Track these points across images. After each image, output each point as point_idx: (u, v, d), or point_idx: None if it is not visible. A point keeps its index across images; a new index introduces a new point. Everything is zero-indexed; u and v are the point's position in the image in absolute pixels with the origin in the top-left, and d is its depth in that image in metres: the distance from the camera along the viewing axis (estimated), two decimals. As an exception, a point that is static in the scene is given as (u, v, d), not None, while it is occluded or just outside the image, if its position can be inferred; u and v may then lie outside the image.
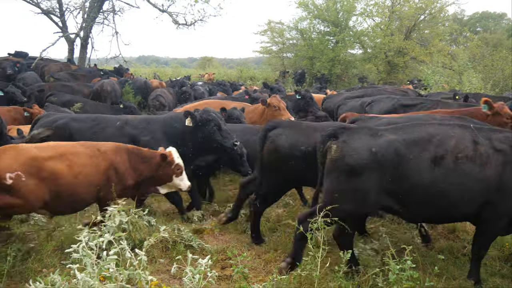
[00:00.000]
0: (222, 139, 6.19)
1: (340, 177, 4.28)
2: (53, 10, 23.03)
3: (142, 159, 5.24)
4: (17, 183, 4.39)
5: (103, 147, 5.08)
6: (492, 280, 4.56)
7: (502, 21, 54.13)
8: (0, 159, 4.46)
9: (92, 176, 4.86)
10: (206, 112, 6.29)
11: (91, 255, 3.04)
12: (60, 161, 4.69)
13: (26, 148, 4.70)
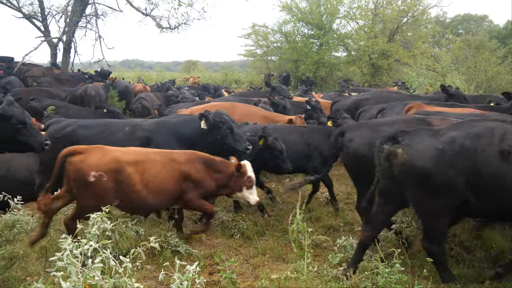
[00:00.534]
0: (234, 143, 6.12)
1: (413, 180, 4.27)
2: (35, 14, 22.70)
3: (216, 168, 5.40)
4: (97, 182, 4.65)
5: (178, 156, 5.28)
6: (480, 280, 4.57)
7: (484, 23, 55.13)
8: (88, 157, 4.73)
9: (165, 183, 5.07)
10: (218, 114, 6.20)
11: (75, 263, 2.97)
12: (138, 166, 4.93)
13: (111, 150, 4.96)
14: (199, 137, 6.20)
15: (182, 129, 6.32)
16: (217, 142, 6.14)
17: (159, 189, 5.04)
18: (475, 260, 5.12)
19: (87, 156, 4.75)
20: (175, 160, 5.19)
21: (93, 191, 4.68)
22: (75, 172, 4.70)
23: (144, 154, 5.12)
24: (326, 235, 5.89)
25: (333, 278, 4.32)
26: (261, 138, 6.44)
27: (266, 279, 4.10)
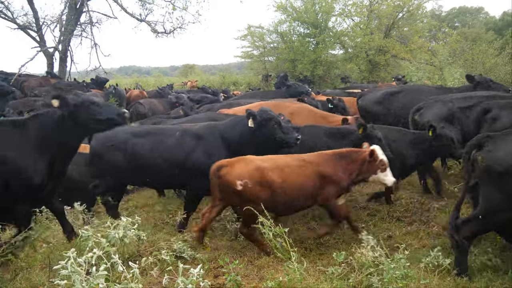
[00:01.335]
0: (285, 136, 6.12)
1: (494, 186, 4.34)
2: (29, 25, 22.72)
3: (350, 160, 5.55)
4: (244, 189, 5.11)
5: (312, 159, 5.55)
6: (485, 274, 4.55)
7: (480, 15, 55.16)
8: (233, 169, 5.26)
9: (303, 184, 5.35)
10: (263, 111, 6.23)
11: (80, 271, 2.95)
12: (279, 171, 5.29)
13: (252, 159, 5.42)
14: (249, 136, 6.20)
15: (231, 131, 6.34)
16: (268, 138, 6.16)
17: (299, 191, 5.35)
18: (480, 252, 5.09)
19: (231, 168, 5.28)
20: (310, 162, 5.50)
21: (242, 198, 5.16)
22: (224, 183, 5.26)
23: (281, 160, 5.50)
24: (329, 234, 5.89)
25: (338, 276, 4.30)
26: (360, 127, 6.42)
27: (271, 280, 4.09)
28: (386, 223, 6.30)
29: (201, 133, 6.40)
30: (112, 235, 3.41)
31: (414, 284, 4.01)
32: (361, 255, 4.44)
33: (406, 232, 5.96)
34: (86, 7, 22.66)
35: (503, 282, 4.36)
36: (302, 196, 5.40)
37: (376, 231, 5.97)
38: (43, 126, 5.05)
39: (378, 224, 6.29)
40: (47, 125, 5.05)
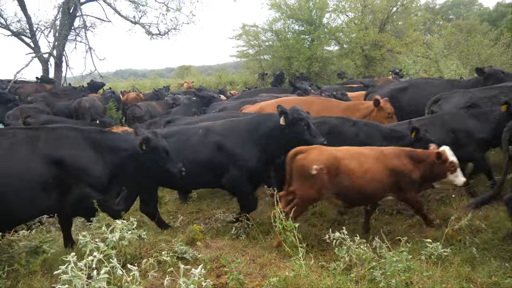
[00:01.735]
0: (311, 138, 6.07)
1: None
2: (23, 31, 22.66)
3: (419, 160, 5.58)
4: (318, 175, 5.26)
5: (386, 151, 5.64)
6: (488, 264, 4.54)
7: (474, 6, 55.14)
8: (309, 155, 5.45)
9: (377, 175, 5.43)
10: (295, 110, 6.16)
11: (80, 275, 2.93)
12: (353, 160, 5.42)
13: (326, 148, 5.61)
14: (275, 134, 6.16)
15: (255, 128, 6.32)
16: (295, 138, 6.09)
17: (371, 181, 5.41)
18: (483, 242, 5.09)
19: (308, 154, 5.48)
20: (384, 154, 5.57)
21: (313, 183, 5.32)
22: (299, 167, 5.43)
23: (355, 150, 5.63)
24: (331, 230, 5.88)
25: (341, 271, 4.28)
26: (413, 130, 6.38)
27: (274, 277, 4.07)
28: (387, 216, 6.29)
29: (225, 130, 6.37)
30: (110, 239, 3.38)
31: (417, 276, 4.00)
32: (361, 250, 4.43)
33: (407, 225, 5.95)
34: (79, 11, 22.59)
35: (506, 272, 4.35)
36: (373, 187, 5.45)
37: (377, 225, 5.97)
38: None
39: (379, 217, 6.29)
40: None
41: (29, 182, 4.63)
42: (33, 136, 4.90)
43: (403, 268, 3.86)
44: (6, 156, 4.60)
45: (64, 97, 15.93)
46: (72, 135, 5.14)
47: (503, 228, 5.36)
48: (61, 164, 4.84)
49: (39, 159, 4.74)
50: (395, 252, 4.08)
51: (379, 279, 3.97)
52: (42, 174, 4.71)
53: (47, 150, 4.84)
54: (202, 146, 6.21)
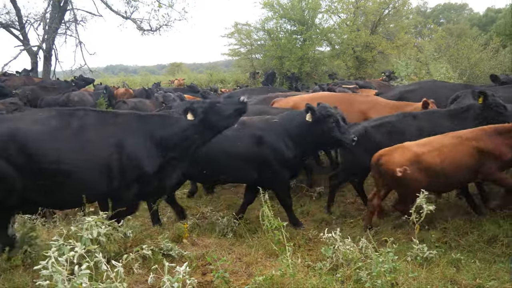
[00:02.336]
0: (341, 135, 6.05)
1: None
2: (12, 23, 22.37)
3: (509, 135, 5.62)
4: (404, 175, 5.39)
5: (466, 135, 5.72)
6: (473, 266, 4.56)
7: (464, 11, 55.70)
8: (392, 157, 5.61)
9: (462, 161, 5.55)
10: (324, 107, 6.14)
11: (61, 271, 2.88)
12: (435, 154, 5.52)
13: (409, 146, 5.69)
14: (306, 131, 6.14)
15: (288, 124, 6.30)
16: (323, 135, 6.08)
17: (458, 168, 5.54)
18: (468, 245, 5.12)
19: (390, 156, 5.64)
20: (467, 138, 5.65)
21: (402, 183, 5.48)
22: (385, 171, 5.61)
23: (438, 142, 5.72)
24: (318, 229, 5.88)
25: (327, 271, 4.27)
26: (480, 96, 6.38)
27: (260, 276, 4.04)
28: (374, 217, 6.29)
29: (260, 125, 6.34)
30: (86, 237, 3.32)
31: (402, 277, 4.00)
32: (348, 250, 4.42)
33: (394, 226, 5.96)
34: (70, 5, 22.41)
35: (491, 274, 4.37)
36: (461, 173, 5.59)
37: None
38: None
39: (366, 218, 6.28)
40: None
41: (94, 163, 4.70)
42: (101, 119, 4.93)
43: (389, 269, 3.85)
44: (76, 135, 4.67)
45: (53, 91, 15.72)
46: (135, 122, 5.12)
47: (488, 230, 5.39)
48: (121, 150, 4.84)
49: (105, 142, 4.78)
50: (381, 252, 4.08)
51: (365, 280, 3.96)
52: (105, 157, 4.76)
53: (112, 134, 4.86)
54: (239, 140, 6.15)
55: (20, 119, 4.78)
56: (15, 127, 4.54)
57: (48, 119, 4.71)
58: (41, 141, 4.52)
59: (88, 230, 4.05)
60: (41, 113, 4.95)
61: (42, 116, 4.78)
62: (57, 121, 4.69)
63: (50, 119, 4.70)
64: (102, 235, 4.26)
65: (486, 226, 5.53)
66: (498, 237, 5.18)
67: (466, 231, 5.50)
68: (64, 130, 4.66)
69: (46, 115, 4.83)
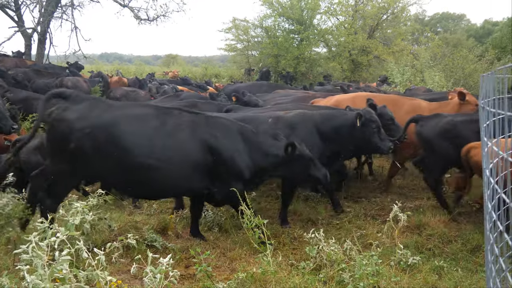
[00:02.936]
0: (380, 142, 6.01)
1: None
2: (8, 3, 22.09)
3: None
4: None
5: None
6: (455, 274, 4.59)
7: (461, 22, 56.13)
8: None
9: None
10: (368, 112, 6.09)
11: (41, 255, 2.84)
12: None
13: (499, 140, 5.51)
14: (343, 132, 6.07)
15: (326, 123, 6.22)
16: (363, 139, 6.04)
17: None
18: (452, 253, 5.14)
19: (479, 149, 5.36)
20: None
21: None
22: (475, 163, 5.53)
23: None
24: (304, 229, 5.87)
25: (310, 271, 4.27)
26: None
27: (243, 272, 4.04)
28: (361, 220, 6.31)
29: (295, 121, 6.27)
30: (71, 223, 3.28)
31: (385, 281, 4.01)
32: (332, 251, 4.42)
33: (380, 230, 5.98)
34: (67, -12, 22.16)
35: (472, 282, 4.39)
36: None
37: (350, 228, 5.97)
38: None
39: (352, 221, 6.30)
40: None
41: (186, 161, 4.95)
42: (194, 120, 5.12)
43: (372, 272, 3.86)
44: (171, 134, 4.93)
45: (47, 75, 15.51)
46: (227, 125, 5.34)
47: (472, 240, 5.43)
48: (213, 151, 5.04)
49: (197, 142, 5.00)
50: (365, 255, 4.08)
51: (347, 281, 3.97)
52: (197, 157, 4.98)
53: (205, 135, 5.05)
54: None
55: (122, 112, 4.95)
56: (116, 119, 4.78)
57: (146, 116, 4.96)
58: (138, 136, 4.78)
59: (73, 216, 4.01)
60: (140, 108, 5.23)
61: (141, 112, 5.04)
62: (154, 118, 4.94)
63: (149, 117, 4.96)
64: (87, 222, 4.23)
65: (470, 235, 5.56)
66: (482, 247, 5.20)
67: (450, 239, 5.52)
68: (161, 128, 4.89)
69: (144, 111, 5.10)
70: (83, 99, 4.93)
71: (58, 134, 4.74)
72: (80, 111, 4.73)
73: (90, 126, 4.66)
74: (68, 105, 4.77)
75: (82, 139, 4.61)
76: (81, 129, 4.62)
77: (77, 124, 4.64)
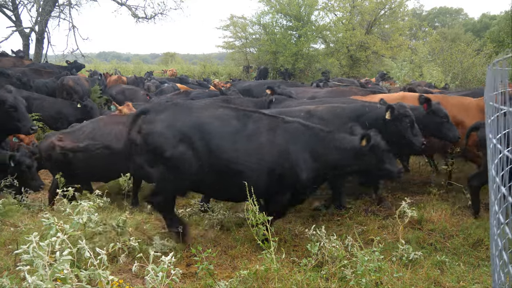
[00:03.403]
0: (412, 137, 5.99)
1: None
2: (5, 3, 22.01)
3: None
4: None
5: None
6: (458, 268, 4.58)
7: (459, 16, 56.08)
8: None
9: None
10: (402, 107, 6.07)
11: (42, 256, 2.82)
12: None
13: None
14: (376, 127, 5.92)
15: (358, 117, 6.21)
16: (396, 134, 6.01)
17: None
18: (453, 248, 5.14)
19: None
20: None
21: None
22: None
23: None
24: (305, 226, 5.86)
25: (312, 267, 4.26)
26: None
27: (245, 270, 4.02)
28: (362, 216, 6.30)
29: (328, 116, 6.27)
30: (76, 221, 3.26)
31: (387, 277, 4.00)
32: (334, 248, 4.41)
33: (381, 225, 5.97)
34: (64, -13, 22.08)
35: (474, 277, 4.39)
36: None
37: (351, 224, 5.97)
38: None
39: (353, 217, 6.29)
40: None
41: (263, 165, 4.98)
42: (272, 125, 5.15)
43: (374, 268, 3.85)
44: (251, 137, 5.01)
45: (45, 75, 15.43)
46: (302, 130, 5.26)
47: (473, 234, 5.42)
48: (287, 157, 5.04)
49: (275, 147, 5.03)
50: (367, 251, 4.07)
51: (350, 278, 3.96)
52: (273, 161, 5.00)
53: (281, 141, 5.07)
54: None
55: (204, 113, 5.04)
56: (201, 121, 4.92)
57: (228, 119, 5.04)
58: (222, 139, 4.90)
59: (79, 214, 4.00)
60: (221, 110, 5.23)
61: (222, 113, 5.10)
62: (236, 121, 5.04)
63: (230, 119, 5.04)
64: (92, 221, 4.21)
65: (471, 229, 5.55)
66: (483, 241, 5.21)
67: (452, 234, 5.52)
68: (241, 132, 4.99)
69: (226, 113, 5.15)
70: (164, 108, 5.10)
71: (151, 146, 4.92)
72: (166, 120, 4.93)
73: (179, 132, 4.85)
74: (152, 117, 4.97)
75: (175, 145, 4.82)
76: (172, 137, 4.82)
77: (167, 133, 4.84)
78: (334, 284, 3.99)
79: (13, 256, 4.57)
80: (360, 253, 4.08)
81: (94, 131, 6.75)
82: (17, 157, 6.67)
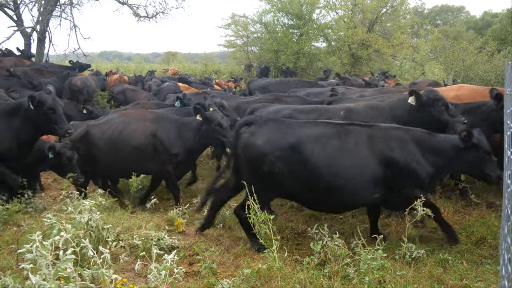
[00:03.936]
0: (450, 118, 6.03)
1: None
2: (6, 3, 22.03)
3: None
4: None
5: None
6: (461, 266, 4.57)
7: (461, 14, 55.95)
8: None
9: None
10: (430, 91, 6.16)
11: (45, 255, 2.82)
12: None
13: None
14: (414, 116, 6.15)
15: (397, 111, 6.34)
16: (433, 118, 6.08)
17: None
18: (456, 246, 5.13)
19: None
20: None
21: None
22: None
23: None
24: (307, 224, 5.87)
25: (314, 266, 4.26)
26: None
27: (248, 269, 4.02)
28: (364, 214, 6.29)
29: (367, 113, 6.37)
30: (78, 220, 3.26)
31: (390, 275, 3.99)
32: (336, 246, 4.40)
33: (384, 223, 5.96)
34: (66, -13, 22.09)
35: (477, 275, 4.38)
36: None
37: (354, 222, 5.96)
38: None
39: (356, 215, 6.28)
40: None
41: (366, 175, 4.96)
42: (371, 134, 5.14)
43: (377, 266, 3.84)
44: (352, 150, 5.01)
45: (47, 74, 15.42)
46: (401, 135, 5.24)
47: (476, 232, 5.41)
48: (393, 164, 5.00)
49: (376, 156, 5.00)
50: (370, 250, 4.06)
51: (352, 276, 3.95)
52: (377, 171, 4.98)
53: (383, 148, 5.04)
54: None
55: (304, 132, 5.11)
56: (301, 140, 5.00)
57: (327, 138, 5.06)
58: (321, 159, 4.92)
59: (81, 213, 4.00)
60: (320, 127, 5.22)
61: (322, 131, 5.12)
62: (335, 137, 5.06)
63: (329, 138, 5.05)
64: (93, 220, 4.22)
65: (474, 227, 5.54)
66: (486, 239, 5.20)
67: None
68: (342, 147, 5.00)
69: (323, 130, 5.16)
70: (266, 122, 5.22)
71: (250, 158, 5.08)
72: (266, 135, 5.05)
73: (277, 149, 4.96)
74: (254, 130, 5.11)
75: (272, 161, 4.93)
76: (270, 153, 4.94)
77: (266, 148, 4.97)
78: (337, 282, 3.98)
79: (15, 255, 4.58)
80: (363, 251, 4.07)
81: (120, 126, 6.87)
82: (57, 148, 6.58)
